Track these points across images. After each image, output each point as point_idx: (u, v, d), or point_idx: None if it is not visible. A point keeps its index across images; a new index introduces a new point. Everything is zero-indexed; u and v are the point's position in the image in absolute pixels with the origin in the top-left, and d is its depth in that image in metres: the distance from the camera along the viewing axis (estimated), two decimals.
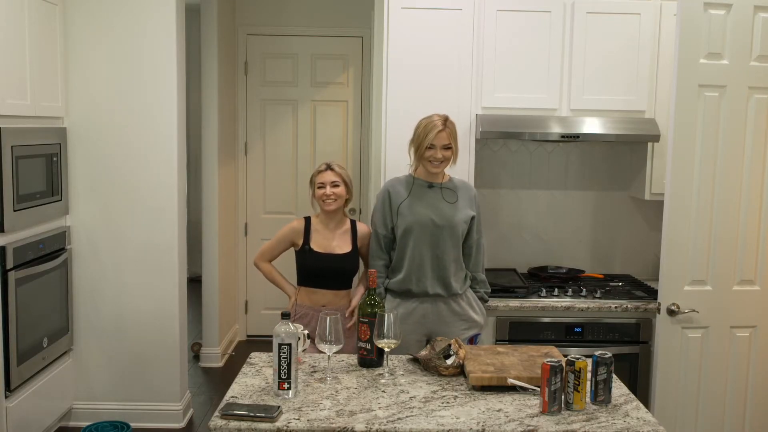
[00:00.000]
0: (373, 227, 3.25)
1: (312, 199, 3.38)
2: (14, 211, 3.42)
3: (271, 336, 2.34)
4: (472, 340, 3.19)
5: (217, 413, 2.21)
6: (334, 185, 3.29)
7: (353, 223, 3.38)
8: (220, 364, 5.33)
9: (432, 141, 3.05)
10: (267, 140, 5.76)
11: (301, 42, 5.67)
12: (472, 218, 3.19)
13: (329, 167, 3.33)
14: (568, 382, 2.29)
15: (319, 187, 3.30)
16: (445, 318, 3.15)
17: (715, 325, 3.19)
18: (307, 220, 3.37)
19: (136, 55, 3.98)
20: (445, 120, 3.11)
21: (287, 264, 3.42)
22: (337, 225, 3.33)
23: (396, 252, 3.19)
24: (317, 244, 3.30)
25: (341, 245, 3.30)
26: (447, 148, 3.08)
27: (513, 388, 2.41)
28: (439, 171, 3.14)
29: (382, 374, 2.56)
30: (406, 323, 3.04)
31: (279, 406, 2.23)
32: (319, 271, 3.29)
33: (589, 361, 2.34)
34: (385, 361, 2.59)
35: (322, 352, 2.56)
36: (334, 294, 3.32)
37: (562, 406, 2.28)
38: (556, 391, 2.25)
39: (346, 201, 3.35)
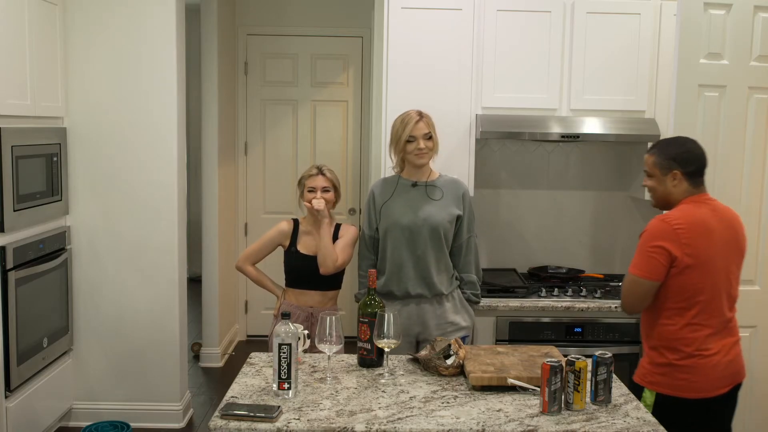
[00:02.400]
0: (362, 228, 3.25)
1: (300, 200, 3.39)
2: (14, 211, 3.42)
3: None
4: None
5: (217, 413, 2.21)
6: (325, 190, 3.30)
7: (337, 226, 3.38)
8: (220, 364, 5.34)
9: (411, 132, 3.03)
10: (267, 140, 5.76)
11: (301, 42, 5.67)
12: (458, 217, 3.14)
13: (320, 171, 3.33)
14: (568, 382, 2.29)
15: (309, 191, 3.30)
16: (428, 320, 3.12)
17: None
18: (296, 222, 3.37)
19: (136, 55, 3.98)
20: (420, 112, 3.08)
21: (275, 264, 3.42)
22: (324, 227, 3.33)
23: (379, 253, 3.18)
24: (304, 246, 3.31)
25: None
26: (428, 138, 3.06)
27: (513, 388, 2.41)
28: (425, 162, 3.10)
29: (382, 374, 2.56)
30: None
31: (279, 406, 2.23)
32: (305, 273, 3.29)
33: (589, 361, 2.34)
34: (385, 361, 2.59)
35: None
36: (321, 295, 3.32)
37: (562, 406, 2.28)
38: (556, 391, 2.25)
39: (334, 204, 3.37)
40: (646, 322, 2.69)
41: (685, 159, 2.64)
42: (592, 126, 3.62)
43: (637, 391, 2.65)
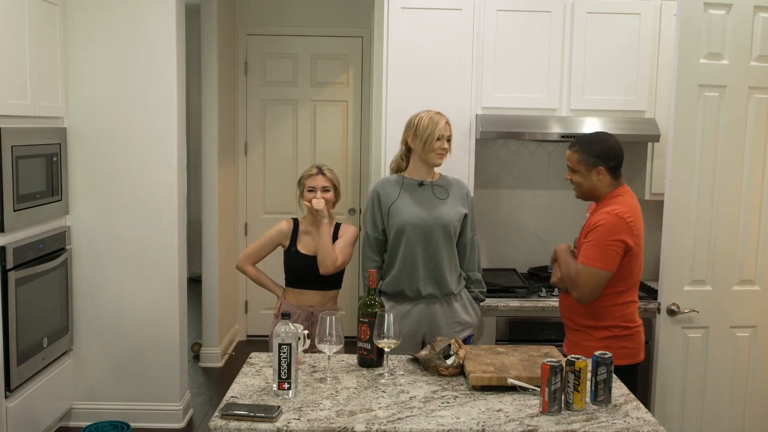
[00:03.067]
0: (364, 229, 3.22)
1: (300, 200, 3.39)
2: (14, 211, 3.42)
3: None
4: (465, 341, 3.17)
5: (217, 413, 2.21)
6: (325, 190, 3.30)
7: (337, 226, 3.38)
8: (220, 364, 5.34)
9: (441, 132, 3.06)
10: (267, 140, 5.76)
11: (301, 42, 5.67)
12: (465, 216, 3.15)
13: (320, 171, 3.33)
14: (568, 382, 2.29)
15: (309, 191, 3.30)
16: (438, 321, 3.11)
17: (715, 325, 3.19)
18: (296, 221, 3.37)
19: (136, 55, 3.98)
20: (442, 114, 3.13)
21: (276, 264, 3.42)
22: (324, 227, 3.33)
23: (388, 253, 3.16)
24: (304, 246, 3.31)
25: None
26: (449, 140, 3.11)
27: (513, 388, 2.41)
28: (441, 163, 3.12)
29: (382, 374, 2.56)
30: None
31: (279, 406, 2.23)
32: (305, 273, 3.29)
33: (589, 361, 2.35)
34: (385, 361, 2.59)
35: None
36: (321, 295, 3.32)
37: (562, 406, 2.28)
38: (556, 391, 2.25)
39: (334, 204, 3.37)
40: (588, 307, 2.88)
41: (608, 155, 2.86)
42: (592, 126, 3.62)
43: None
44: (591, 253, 2.79)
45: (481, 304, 3.31)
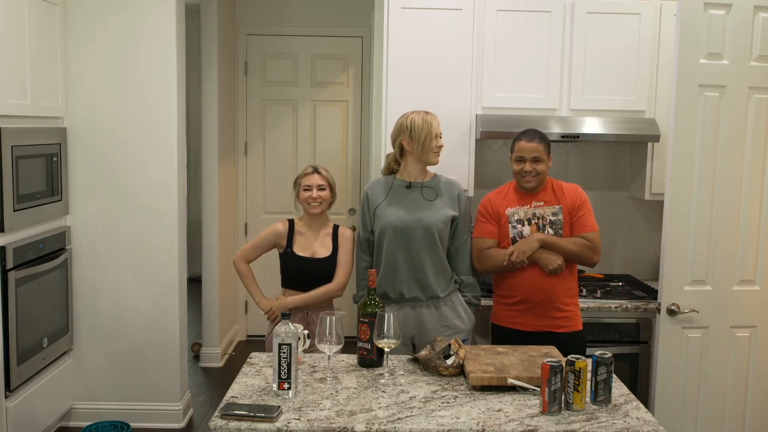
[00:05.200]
0: (358, 230, 3.24)
1: (296, 200, 3.38)
2: (14, 211, 3.42)
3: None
4: None
5: (217, 413, 2.21)
6: (321, 188, 3.29)
7: (335, 227, 3.37)
8: (220, 364, 5.34)
9: (437, 131, 3.07)
10: (267, 140, 5.76)
11: (301, 42, 5.67)
12: (453, 218, 3.12)
13: (316, 170, 3.33)
14: (568, 382, 2.29)
15: (305, 190, 3.30)
16: (426, 324, 3.09)
17: (715, 325, 3.19)
18: (291, 222, 3.37)
19: (136, 55, 3.98)
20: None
21: (277, 265, 3.42)
22: (320, 228, 3.33)
23: (374, 255, 3.16)
24: (300, 247, 3.30)
25: (323, 248, 3.30)
26: (440, 136, 3.12)
27: (513, 388, 2.41)
28: (438, 162, 3.13)
29: (382, 374, 2.56)
30: None
31: (279, 406, 2.23)
32: (301, 275, 3.28)
33: (589, 361, 2.35)
34: (385, 361, 2.59)
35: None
36: None
37: (562, 406, 2.28)
38: (556, 391, 2.25)
39: (330, 204, 3.36)
40: (570, 279, 3.15)
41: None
42: (592, 126, 3.62)
43: (580, 339, 3.16)
44: (593, 220, 3.16)
45: (480, 304, 3.30)
